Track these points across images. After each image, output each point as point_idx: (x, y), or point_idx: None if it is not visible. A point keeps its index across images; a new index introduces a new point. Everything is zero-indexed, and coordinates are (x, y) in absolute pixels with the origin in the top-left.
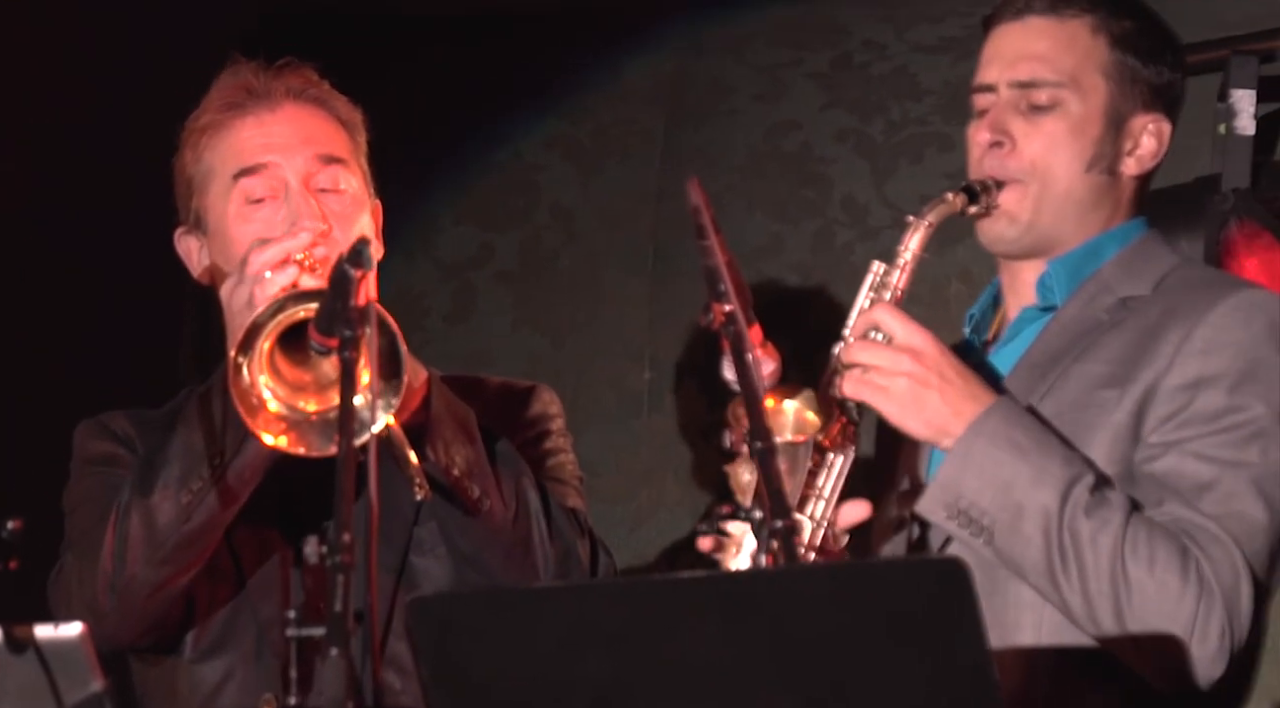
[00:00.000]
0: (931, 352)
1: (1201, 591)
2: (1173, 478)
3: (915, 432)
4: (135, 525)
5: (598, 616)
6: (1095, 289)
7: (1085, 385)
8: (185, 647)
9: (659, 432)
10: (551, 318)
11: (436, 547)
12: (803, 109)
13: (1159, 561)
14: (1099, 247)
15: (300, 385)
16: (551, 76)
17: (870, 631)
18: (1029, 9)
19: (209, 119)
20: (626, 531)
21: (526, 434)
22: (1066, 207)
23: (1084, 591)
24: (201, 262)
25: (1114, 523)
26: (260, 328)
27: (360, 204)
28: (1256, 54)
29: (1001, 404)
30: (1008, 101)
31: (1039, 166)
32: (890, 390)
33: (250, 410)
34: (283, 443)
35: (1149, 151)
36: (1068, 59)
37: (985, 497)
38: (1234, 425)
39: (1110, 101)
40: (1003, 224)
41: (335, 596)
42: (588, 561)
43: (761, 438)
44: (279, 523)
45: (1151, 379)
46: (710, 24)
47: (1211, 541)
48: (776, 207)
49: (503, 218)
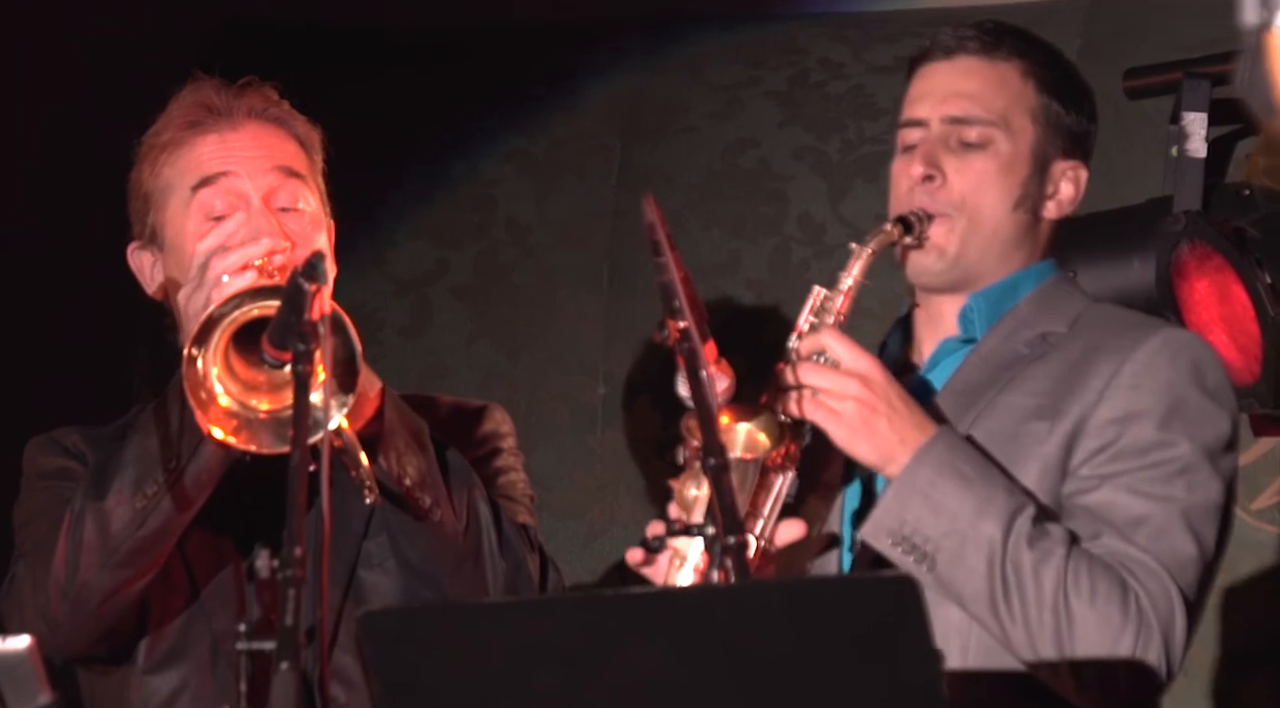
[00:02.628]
0: (879, 378)
1: (1140, 624)
2: (1106, 511)
3: (861, 456)
4: (89, 531)
5: (550, 631)
6: (1014, 323)
7: (1013, 417)
8: (138, 656)
9: (613, 447)
10: (507, 333)
11: (385, 560)
12: (760, 127)
13: (1100, 594)
14: (1016, 283)
15: (253, 384)
16: (509, 93)
17: (823, 648)
18: (961, 49)
19: (169, 136)
20: (579, 546)
21: (478, 452)
22: (992, 244)
23: (1025, 621)
24: (156, 277)
25: (1056, 555)
26: (216, 322)
27: (318, 223)
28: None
29: (945, 434)
30: (939, 137)
31: (969, 202)
32: (840, 415)
33: (201, 404)
34: (233, 440)
35: (1067, 197)
36: (999, 100)
37: (930, 525)
38: (1162, 461)
39: (1037, 145)
40: (931, 257)
41: (286, 609)
42: (538, 576)
43: (715, 454)
44: (233, 535)
45: (1081, 413)
46: (668, 42)
47: (1149, 574)
48: (733, 224)
49: (459, 233)
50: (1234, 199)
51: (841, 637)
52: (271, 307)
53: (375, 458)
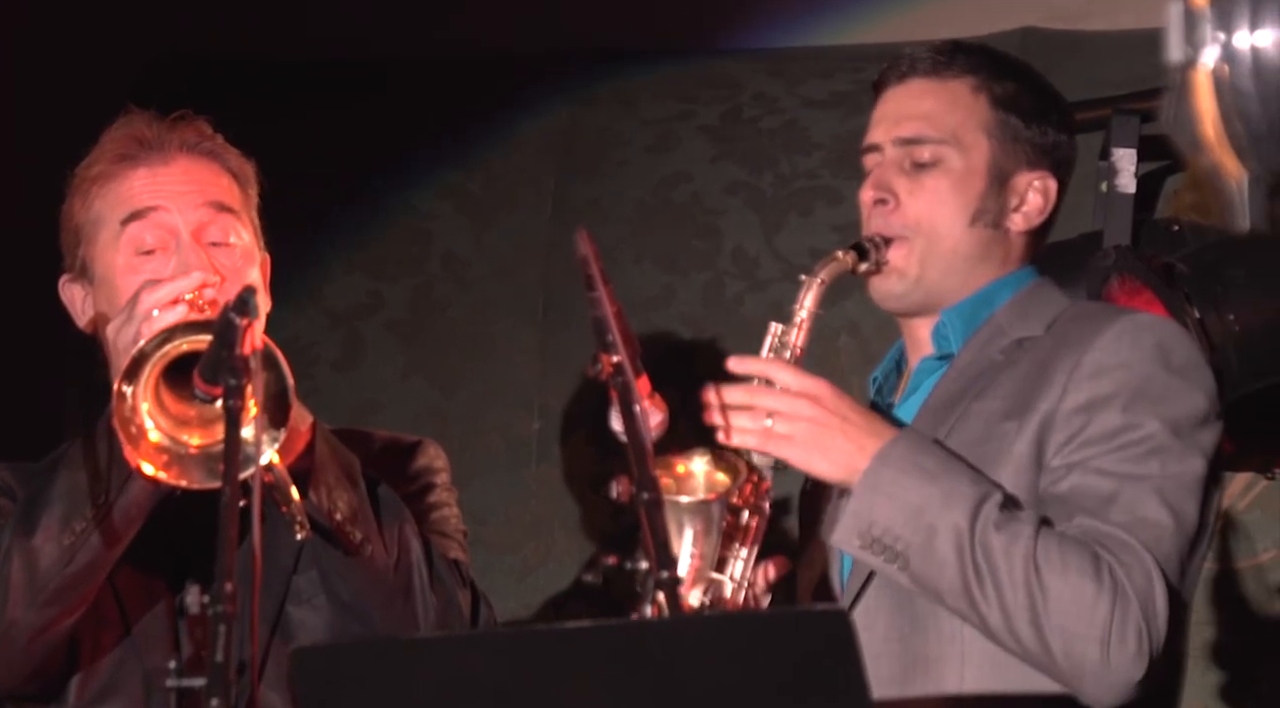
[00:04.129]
0: (828, 394)
1: (1116, 594)
2: (1077, 495)
3: (824, 474)
4: (16, 569)
5: (483, 666)
6: (990, 333)
7: (985, 421)
8: (69, 694)
9: (547, 482)
10: (441, 367)
11: (315, 596)
12: (693, 161)
13: (1071, 567)
14: (990, 294)
15: (184, 419)
16: (444, 126)
17: (756, 681)
18: (912, 72)
19: (100, 169)
20: (514, 580)
21: (411, 487)
22: (954, 261)
23: (1001, 604)
24: (86, 311)
25: (1025, 536)
26: (146, 358)
27: (250, 258)
28: (1138, 113)
29: (906, 434)
30: (892, 160)
31: (924, 223)
32: (794, 437)
33: (131, 439)
34: (163, 476)
35: (1035, 207)
36: (949, 117)
37: (897, 522)
38: (1131, 442)
39: (992, 158)
40: (892, 280)
41: (217, 645)
42: (469, 611)
43: (648, 489)
44: (164, 570)
45: (1047, 408)
46: (601, 76)
47: (1121, 546)
48: (667, 258)
49: (393, 267)
50: (1163, 234)
51: (774, 670)
52: (202, 341)
53: (306, 492)
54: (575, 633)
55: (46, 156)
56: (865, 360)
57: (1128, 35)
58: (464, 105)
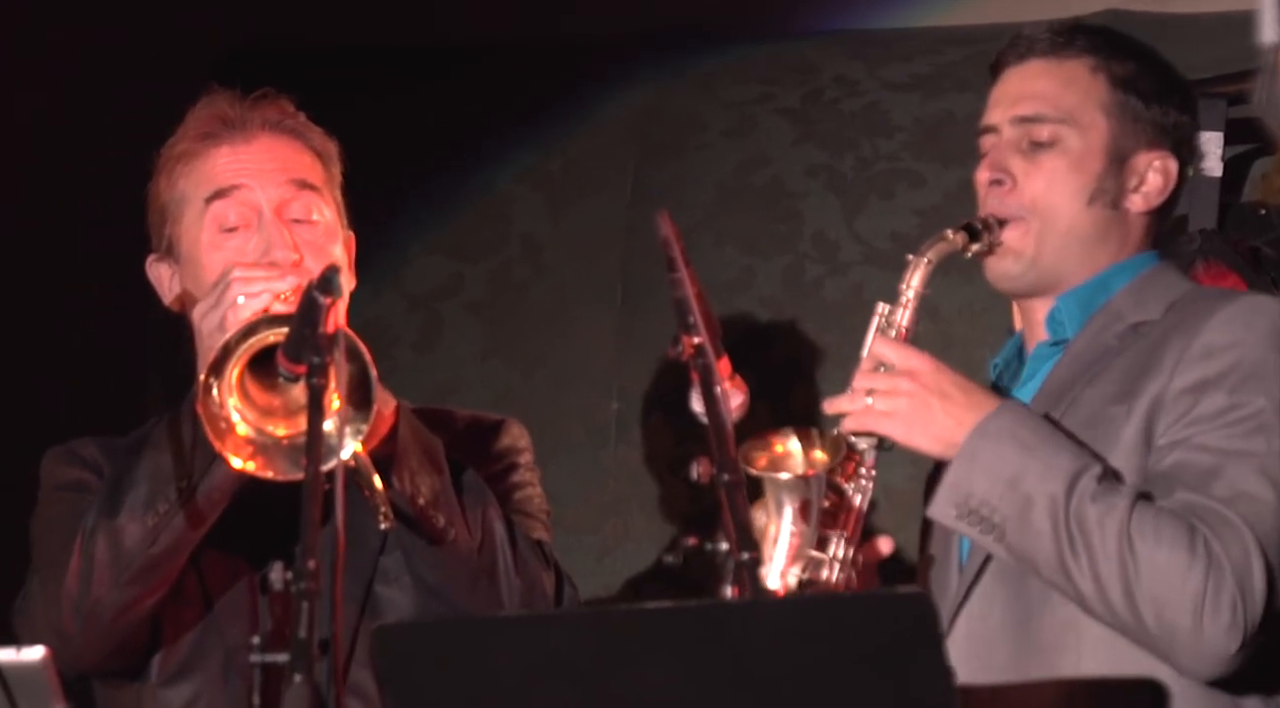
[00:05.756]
0: (927, 369)
1: (1210, 564)
2: (1178, 471)
3: (923, 447)
4: (101, 548)
5: (562, 646)
6: (1106, 319)
7: (1095, 406)
8: (151, 671)
9: (626, 463)
10: (520, 349)
11: (401, 576)
12: (773, 144)
13: (1165, 538)
14: (1108, 279)
15: (269, 410)
16: (524, 109)
17: (835, 664)
18: (1031, 52)
19: (184, 147)
20: (592, 561)
21: (494, 467)
22: (1070, 242)
23: (1094, 574)
24: (173, 289)
25: (1120, 507)
26: (231, 350)
27: (333, 235)
28: (1224, 97)
29: (1007, 407)
30: (1009, 140)
31: (1040, 203)
32: (893, 414)
33: (218, 433)
34: (250, 467)
35: (1155, 188)
36: (1067, 97)
37: (994, 494)
38: (1237, 420)
39: (1111, 139)
40: (1008, 261)
41: (300, 622)
42: (553, 593)
43: (728, 470)
44: (246, 549)
45: (1156, 390)
46: (682, 59)
47: (1219, 521)
48: (747, 241)
49: (472, 249)
50: (1250, 218)
51: (854, 653)
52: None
53: (389, 477)
54: (656, 613)
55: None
56: (945, 345)
57: (1214, 17)
58: (544, 88)
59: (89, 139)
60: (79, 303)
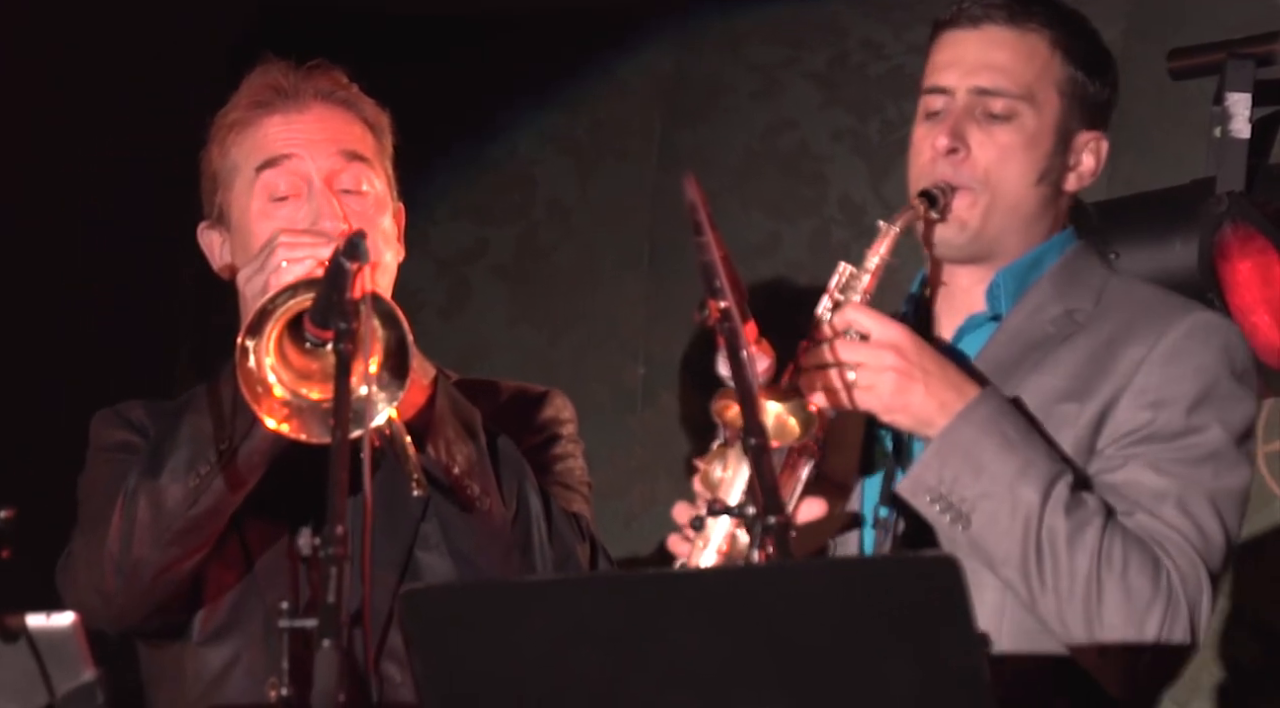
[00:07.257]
0: (911, 346)
1: (1169, 602)
2: (1131, 488)
3: (900, 424)
4: (142, 508)
5: (591, 610)
6: (1038, 299)
7: (1044, 398)
8: (193, 630)
9: (653, 428)
10: (547, 313)
11: (441, 543)
12: (800, 108)
13: (1132, 568)
14: (1040, 256)
15: (306, 373)
16: (550, 73)
17: (864, 627)
18: (987, 18)
19: (237, 116)
20: (620, 526)
21: (536, 439)
22: (1013, 218)
23: (1056, 590)
24: (224, 256)
25: (1092, 526)
26: (270, 313)
27: (382, 206)
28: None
29: (990, 395)
30: (965, 108)
31: (992, 176)
32: (876, 388)
33: (255, 395)
34: (285, 428)
35: (1088, 169)
36: (1027, 72)
37: (969, 484)
38: (1191, 445)
39: (1061, 117)
40: (953, 230)
41: (329, 587)
42: (587, 565)
43: (756, 434)
44: (287, 513)
45: (1110, 395)
46: (707, 22)
47: (1180, 552)
48: (773, 205)
49: (499, 213)
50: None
51: (882, 617)
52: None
53: (424, 446)
54: (684, 577)
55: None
56: None
57: None
58: (570, 52)
59: (122, 106)
60: (112, 267)
